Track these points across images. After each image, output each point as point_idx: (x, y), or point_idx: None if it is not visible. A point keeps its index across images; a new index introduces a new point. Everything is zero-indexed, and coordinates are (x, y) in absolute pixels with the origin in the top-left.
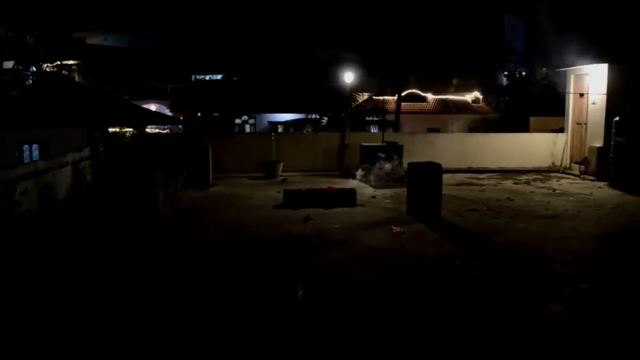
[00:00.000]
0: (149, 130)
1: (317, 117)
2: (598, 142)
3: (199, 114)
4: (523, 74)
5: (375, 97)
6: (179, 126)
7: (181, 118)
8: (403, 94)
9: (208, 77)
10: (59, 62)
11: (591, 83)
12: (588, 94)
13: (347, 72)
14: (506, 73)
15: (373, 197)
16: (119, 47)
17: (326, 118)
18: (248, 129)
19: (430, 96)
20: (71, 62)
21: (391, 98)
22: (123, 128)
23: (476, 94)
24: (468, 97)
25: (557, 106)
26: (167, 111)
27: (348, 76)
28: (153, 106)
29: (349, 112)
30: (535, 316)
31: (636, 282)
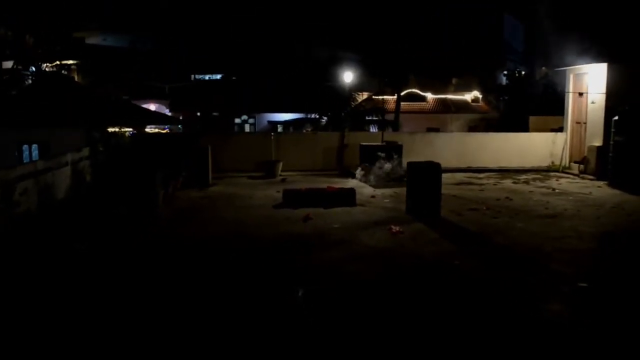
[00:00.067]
0: (149, 130)
1: (317, 117)
2: (597, 142)
3: (199, 114)
4: (522, 74)
5: (374, 97)
6: (179, 126)
7: (180, 118)
8: (403, 94)
9: (207, 77)
10: (59, 62)
11: (590, 82)
12: (587, 94)
13: (347, 72)
14: (506, 72)
15: (372, 197)
16: (119, 47)
17: (326, 118)
18: (247, 129)
19: (429, 96)
20: (71, 62)
21: (391, 97)
22: (122, 128)
23: (476, 94)
24: (467, 97)
25: (557, 106)
26: (167, 111)
27: (347, 76)
28: (152, 106)
29: (349, 112)
30: (534, 315)
31: (635, 281)
